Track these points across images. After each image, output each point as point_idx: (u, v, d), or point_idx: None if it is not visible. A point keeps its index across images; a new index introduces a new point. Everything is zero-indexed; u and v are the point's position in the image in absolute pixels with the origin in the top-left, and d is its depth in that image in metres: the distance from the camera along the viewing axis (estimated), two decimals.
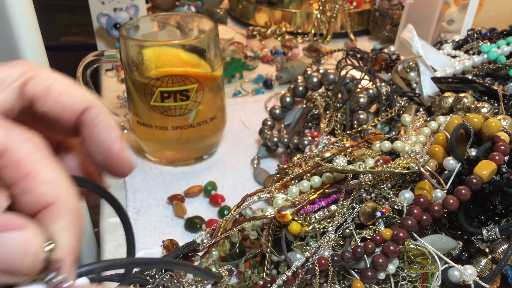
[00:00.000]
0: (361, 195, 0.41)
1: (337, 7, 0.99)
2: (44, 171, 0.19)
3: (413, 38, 0.62)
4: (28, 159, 0.19)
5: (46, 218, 0.19)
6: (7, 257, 0.17)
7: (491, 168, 0.37)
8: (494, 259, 0.39)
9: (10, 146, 0.18)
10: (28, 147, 0.19)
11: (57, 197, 0.19)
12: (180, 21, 0.62)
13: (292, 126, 0.64)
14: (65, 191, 0.19)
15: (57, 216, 0.19)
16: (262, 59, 0.91)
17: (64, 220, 0.19)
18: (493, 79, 0.59)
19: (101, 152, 0.22)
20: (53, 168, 0.19)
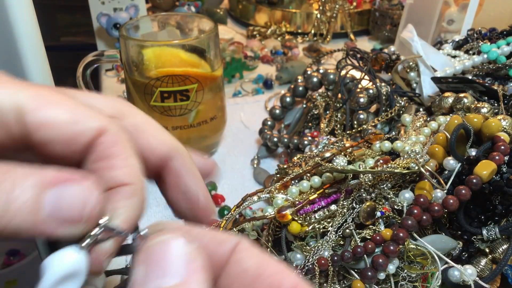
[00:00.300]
0: (361, 195, 0.41)
1: (337, 7, 0.99)
2: (132, 159, 0.21)
3: (413, 38, 0.62)
4: (122, 143, 0.21)
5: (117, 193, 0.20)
6: (67, 206, 0.18)
7: (491, 168, 0.37)
8: (494, 259, 0.39)
9: (111, 128, 0.21)
10: (124, 135, 0.22)
11: (133, 181, 0.21)
12: (180, 21, 0.62)
13: (292, 126, 0.64)
14: (140, 180, 0.21)
15: (127, 195, 0.20)
16: (262, 59, 0.91)
17: (131, 201, 0.21)
18: (493, 79, 0.59)
19: (186, 199, 0.23)
20: (136, 159, 0.22)
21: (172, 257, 0.17)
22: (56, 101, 0.21)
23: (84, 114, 0.21)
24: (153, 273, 0.17)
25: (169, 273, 0.17)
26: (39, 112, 0.20)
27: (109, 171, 0.21)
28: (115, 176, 0.21)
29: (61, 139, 0.20)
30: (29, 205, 0.17)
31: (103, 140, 0.21)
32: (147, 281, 0.17)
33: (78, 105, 0.21)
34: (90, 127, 0.21)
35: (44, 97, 0.20)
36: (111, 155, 0.21)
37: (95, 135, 0.21)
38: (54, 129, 0.20)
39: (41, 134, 0.20)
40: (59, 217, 0.18)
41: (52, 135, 0.20)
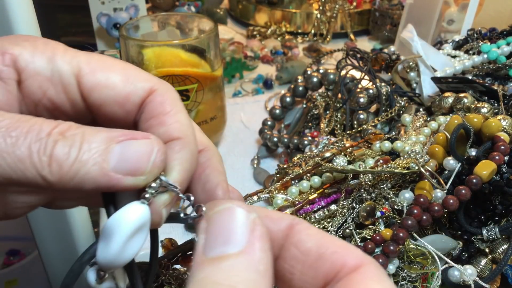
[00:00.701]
0: (361, 195, 0.41)
1: (337, 7, 0.99)
2: (180, 114, 0.22)
3: (413, 38, 0.62)
4: (171, 101, 0.22)
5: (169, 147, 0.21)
6: (132, 158, 0.19)
7: (491, 168, 0.37)
8: (494, 259, 0.39)
9: (159, 87, 0.22)
10: (173, 93, 0.23)
11: (184, 135, 0.22)
12: (180, 21, 0.62)
13: (292, 126, 0.64)
14: (191, 134, 0.22)
15: (179, 148, 0.21)
16: (262, 59, 0.91)
17: (184, 154, 0.21)
18: (493, 79, 0.59)
19: (205, 190, 0.24)
20: (186, 115, 0.23)
21: (235, 225, 0.18)
22: (109, 64, 0.22)
23: (135, 75, 0.22)
24: (216, 241, 0.17)
25: (233, 240, 0.17)
26: (94, 74, 0.22)
27: (160, 127, 0.22)
28: (166, 131, 0.22)
29: (115, 99, 0.22)
30: (97, 157, 0.19)
31: (152, 99, 0.22)
32: (210, 248, 0.17)
33: (129, 68, 0.23)
34: (141, 86, 0.22)
35: (98, 62, 0.22)
36: (161, 113, 0.22)
37: (146, 94, 0.22)
38: (108, 90, 0.22)
39: (97, 95, 0.22)
40: (125, 168, 0.19)
41: (107, 96, 0.22)
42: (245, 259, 0.17)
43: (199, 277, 0.16)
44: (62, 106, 0.23)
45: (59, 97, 0.22)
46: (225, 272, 0.16)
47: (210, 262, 0.17)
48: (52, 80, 0.22)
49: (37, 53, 0.22)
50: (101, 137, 0.19)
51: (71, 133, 0.19)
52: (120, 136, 0.19)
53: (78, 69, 0.22)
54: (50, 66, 0.22)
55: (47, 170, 0.18)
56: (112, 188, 0.19)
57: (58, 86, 0.22)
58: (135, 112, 0.23)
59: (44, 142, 0.18)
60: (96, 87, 0.22)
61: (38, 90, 0.22)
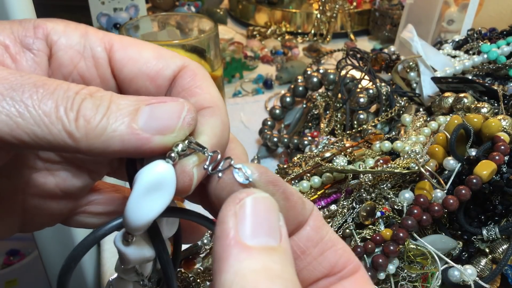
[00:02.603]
0: (361, 195, 0.41)
1: (337, 7, 0.99)
2: (211, 87, 0.23)
3: (413, 38, 0.62)
4: (202, 76, 0.23)
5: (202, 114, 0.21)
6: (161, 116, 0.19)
7: (491, 168, 0.37)
8: (494, 259, 0.39)
9: (190, 64, 0.23)
10: (203, 70, 0.23)
11: (215, 105, 0.22)
12: (180, 21, 0.62)
13: (292, 126, 0.64)
14: (222, 105, 0.22)
15: (210, 115, 0.21)
16: (262, 59, 0.91)
17: (214, 120, 0.21)
18: (493, 79, 0.59)
19: None
20: (216, 89, 0.23)
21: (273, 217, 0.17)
22: (141, 43, 0.23)
23: (167, 53, 0.23)
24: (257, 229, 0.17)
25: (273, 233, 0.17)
26: (126, 50, 0.22)
27: (191, 97, 0.22)
28: (197, 101, 0.22)
29: (147, 73, 0.22)
30: (126, 115, 0.18)
31: (183, 74, 0.23)
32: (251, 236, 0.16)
33: (159, 47, 0.23)
34: (173, 62, 0.23)
35: (130, 40, 0.23)
36: (192, 86, 0.22)
37: (178, 69, 0.23)
38: (140, 64, 0.22)
39: (128, 69, 0.22)
40: (154, 126, 0.19)
41: (139, 70, 0.22)
42: (286, 255, 0.16)
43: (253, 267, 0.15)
44: (92, 81, 0.23)
45: (89, 72, 0.22)
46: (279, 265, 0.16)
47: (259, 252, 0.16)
48: (84, 54, 0.22)
49: (69, 29, 0.22)
50: (130, 99, 0.19)
51: (99, 94, 0.19)
52: (150, 99, 0.19)
53: (110, 45, 0.22)
54: (82, 40, 0.22)
55: (74, 125, 0.18)
56: (140, 149, 0.18)
57: (89, 60, 0.22)
58: (166, 88, 0.23)
59: (72, 99, 0.18)
60: (128, 61, 0.22)
61: (69, 63, 0.22)
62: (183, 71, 0.23)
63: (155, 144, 0.19)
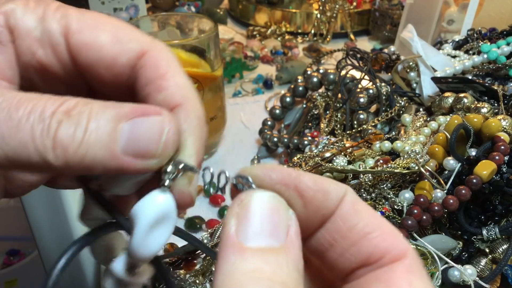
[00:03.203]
0: (361, 195, 0.41)
1: (337, 7, 0.99)
2: (178, 76, 0.21)
3: (413, 38, 0.62)
4: (166, 62, 0.21)
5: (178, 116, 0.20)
6: (142, 138, 0.18)
7: (491, 168, 0.37)
8: (494, 259, 0.39)
9: (151, 48, 0.21)
10: (167, 53, 0.21)
11: (186, 100, 0.20)
12: (180, 21, 0.62)
13: (292, 126, 0.64)
14: (193, 96, 0.21)
15: (185, 116, 0.20)
16: (262, 59, 0.91)
17: (190, 121, 0.20)
18: (493, 79, 0.59)
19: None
20: (184, 76, 0.21)
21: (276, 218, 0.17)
22: (101, 23, 0.21)
23: (126, 35, 0.21)
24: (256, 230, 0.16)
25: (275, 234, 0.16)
26: (82, 33, 0.20)
27: (158, 93, 0.20)
28: (165, 98, 0.20)
29: (103, 61, 0.21)
30: (105, 137, 0.17)
31: (145, 62, 0.21)
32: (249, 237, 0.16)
33: (121, 27, 0.21)
34: (130, 48, 0.21)
35: (89, 20, 0.21)
36: (156, 77, 0.21)
37: (135, 56, 0.21)
38: (94, 51, 0.20)
39: (84, 56, 0.20)
40: (135, 150, 0.18)
41: (94, 57, 0.20)
42: (287, 256, 0.16)
43: (245, 269, 0.15)
44: (52, 68, 0.21)
45: (48, 59, 0.21)
46: (272, 267, 0.15)
47: (253, 253, 0.16)
48: (41, 41, 0.20)
49: (27, 11, 0.20)
50: (109, 115, 0.18)
51: (77, 111, 0.17)
52: (130, 113, 0.18)
53: (67, 28, 0.20)
54: (40, 26, 0.20)
55: (52, 155, 0.17)
56: (122, 171, 0.18)
57: (47, 47, 0.21)
58: (126, 75, 0.21)
59: (48, 123, 0.17)
60: (83, 47, 0.20)
61: (28, 52, 0.20)
62: (144, 58, 0.21)
63: (138, 168, 0.18)
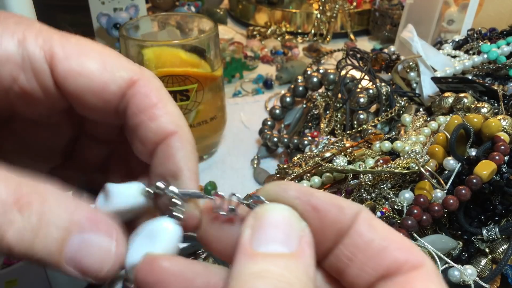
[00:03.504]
0: (361, 195, 0.41)
1: (337, 7, 0.99)
2: (169, 104, 0.21)
3: (413, 38, 0.62)
4: (156, 91, 0.21)
5: (171, 145, 0.21)
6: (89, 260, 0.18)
7: (491, 168, 0.37)
8: (494, 259, 0.39)
9: (141, 77, 0.21)
10: (157, 82, 0.22)
11: (179, 128, 0.21)
12: (180, 21, 0.62)
13: (292, 126, 0.64)
14: (185, 124, 0.22)
15: (181, 144, 0.21)
16: (262, 59, 0.91)
17: (186, 149, 0.21)
18: (493, 79, 0.59)
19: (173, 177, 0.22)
20: (174, 104, 0.22)
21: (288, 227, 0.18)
22: (86, 50, 0.21)
23: (115, 63, 0.21)
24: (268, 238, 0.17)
25: (286, 241, 0.17)
26: (68, 61, 0.20)
27: (151, 122, 0.21)
28: (159, 126, 0.21)
29: (92, 88, 0.20)
30: (53, 246, 0.17)
31: (136, 91, 0.21)
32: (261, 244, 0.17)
33: (107, 54, 0.21)
34: (120, 76, 0.21)
35: (74, 46, 0.21)
36: (148, 106, 0.21)
37: (126, 84, 0.21)
38: (83, 78, 0.20)
39: (71, 84, 0.20)
40: (78, 266, 0.18)
41: (83, 85, 0.20)
42: (297, 262, 0.17)
43: (253, 270, 0.16)
44: (35, 94, 0.21)
45: (30, 85, 0.20)
46: (281, 270, 0.16)
47: (263, 257, 0.17)
48: (23, 67, 0.20)
49: (6, 35, 0.19)
50: (62, 220, 0.17)
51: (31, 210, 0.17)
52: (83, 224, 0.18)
53: (51, 55, 0.20)
54: (20, 50, 0.20)
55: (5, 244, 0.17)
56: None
57: (29, 73, 0.20)
58: (115, 102, 0.21)
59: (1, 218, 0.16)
60: (70, 75, 0.20)
61: (8, 77, 0.20)
62: (135, 87, 0.21)
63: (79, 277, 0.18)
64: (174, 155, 0.21)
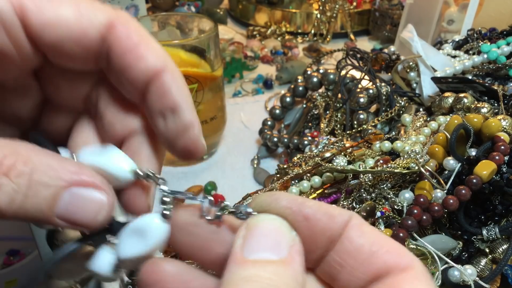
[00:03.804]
0: (361, 195, 0.41)
1: (337, 7, 0.99)
2: (151, 42, 0.21)
3: (413, 38, 0.62)
4: (136, 31, 0.21)
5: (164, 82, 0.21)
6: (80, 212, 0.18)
7: (491, 168, 0.37)
8: (494, 259, 0.39)
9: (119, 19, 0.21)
10: (135, 23, 0.21)
11: (166, 63, 0.21)
12: (180, 21, 0.62)
13: (292, 126, 0.64)
14: (170, 59, 0.21)
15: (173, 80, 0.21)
16: (262, 59, 0.91)
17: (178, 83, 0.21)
18: (493, 79, 0.59)
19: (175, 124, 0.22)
20: (155, 41, 0.21)
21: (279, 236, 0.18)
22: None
23: (89, 7, 0.20)
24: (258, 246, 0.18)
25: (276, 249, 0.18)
26: (42, 12, 0.19)
27: (139, 62, 0.21)
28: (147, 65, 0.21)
29: (70, 37, 0.20)
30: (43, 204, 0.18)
31: (117, 33, 0.21)
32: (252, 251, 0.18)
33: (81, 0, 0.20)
34: (98, 20, 0.20)
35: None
36: (133, 46, 0.21)
37: (105, 28, 0.20)
38: (61, 28, 0.20)
39: (48, 35, 0.20)
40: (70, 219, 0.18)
41: (60, 35, 0.20)
42: (287, 268, 0.17)
43: (243, 275, 0.17)
44: (6, 51, 0.20)
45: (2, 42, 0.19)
46: (269, 274, 0.17)
47: (253, 264, 0.17)
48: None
49: None
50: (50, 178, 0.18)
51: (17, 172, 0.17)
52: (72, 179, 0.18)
53: (21, 7, 0.19)
54: None
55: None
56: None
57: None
58: (96, 48, 0.21)
59: None
60: (45, 26, 0.19)
61: None
62: (115, 30, 0.21)
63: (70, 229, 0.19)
64: (169, 91, 0.21)
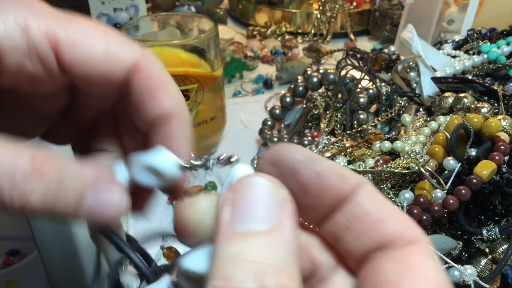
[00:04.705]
0: None
1: (337, 7, 0.99)
2: (170, 86, 0.23)
3: (413, 38, 0.62)
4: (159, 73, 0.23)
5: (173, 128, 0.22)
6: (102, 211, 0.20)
7: (491, 168, 0.37)
8: (494, 259, 0.39)
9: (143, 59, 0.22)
10: (158, 63, 0.23)
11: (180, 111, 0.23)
12: (180, 21, 0.62)
13: (292, 126, 0.64)
14: (185, 106, 0.23)
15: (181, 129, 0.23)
16: (262, 59, 0.91)
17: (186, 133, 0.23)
18: (493, 79, 0.59)
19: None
20: (175, 85, 0.23)
21: (262, 200, 0.17)
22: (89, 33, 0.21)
23: (118, 46, 0.22)
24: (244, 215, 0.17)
25: (261, 216, 0.17)
26: (74, 48, 0.21)
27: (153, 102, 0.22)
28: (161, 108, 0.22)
29: (98, 74, 0.21)
30: (71, 206, 0.20)
31: (141, 72, 0.22)
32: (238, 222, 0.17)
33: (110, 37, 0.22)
34: (125, 59, 0.22)
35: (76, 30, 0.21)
36: (152, 87, 0.22)
37: (130, 67, 0.22)
38: (89, 65, 0.21)
39: (78, 69, 0.21)
40: (93, 217, 0.20)
41: (88, 70, 0.21)
42: (276, 237, 0.16)
43: (230, 252, 0.16)
44: (40, 77, 0.22)
45: (36, 71, 0.21)
46: (257, 250, 0.16)
47: (240, 237, 0.16)
48: (29, 55, 0.20)
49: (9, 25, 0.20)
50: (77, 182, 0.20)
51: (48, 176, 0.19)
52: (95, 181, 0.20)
53: (55, 41, 0.20)
54: (25, 39, 0.20)
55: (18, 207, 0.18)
56: None
57: (35, 60, 0.21)
58: (119, 83, 0.22)
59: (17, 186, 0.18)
60: (76, 61, 0.21)
61: (16, 67, 0.21)
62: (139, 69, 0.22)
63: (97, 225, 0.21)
64: (175, 139, 0.22)
